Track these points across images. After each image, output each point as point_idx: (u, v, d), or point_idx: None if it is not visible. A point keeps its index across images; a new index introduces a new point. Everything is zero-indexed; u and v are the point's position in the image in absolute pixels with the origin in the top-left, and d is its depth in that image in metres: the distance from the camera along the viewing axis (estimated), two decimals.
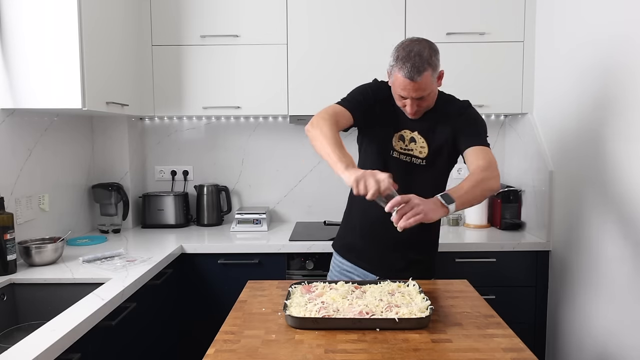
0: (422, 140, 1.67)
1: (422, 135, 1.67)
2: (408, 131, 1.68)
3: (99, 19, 2.08)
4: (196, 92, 2.54)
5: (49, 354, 1.20)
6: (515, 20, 2.47)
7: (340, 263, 1.88)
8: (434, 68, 1.54)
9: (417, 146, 1.68)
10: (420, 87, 1.53)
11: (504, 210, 2.59)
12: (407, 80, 1.51)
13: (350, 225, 1.86)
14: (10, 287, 1.77)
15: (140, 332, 1.86)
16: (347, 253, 1.85)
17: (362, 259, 1.80)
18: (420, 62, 1.50)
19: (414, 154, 1.69)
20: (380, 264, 1.77)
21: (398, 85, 1.56)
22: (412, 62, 1.50)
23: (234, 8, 2.49)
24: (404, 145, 1.69)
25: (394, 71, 1.55)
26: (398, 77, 1.54)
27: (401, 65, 1.51)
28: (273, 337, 1.26)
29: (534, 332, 2.36)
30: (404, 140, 1.69)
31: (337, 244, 1.92)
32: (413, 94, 1.55)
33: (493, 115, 2.80)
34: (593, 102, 1.97)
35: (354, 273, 1.83)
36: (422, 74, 1.51)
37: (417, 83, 1.52)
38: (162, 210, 2.73)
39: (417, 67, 1.50)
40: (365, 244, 1.79)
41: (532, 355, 1.16)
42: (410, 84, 1.52)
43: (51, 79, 1.92)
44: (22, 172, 2.04)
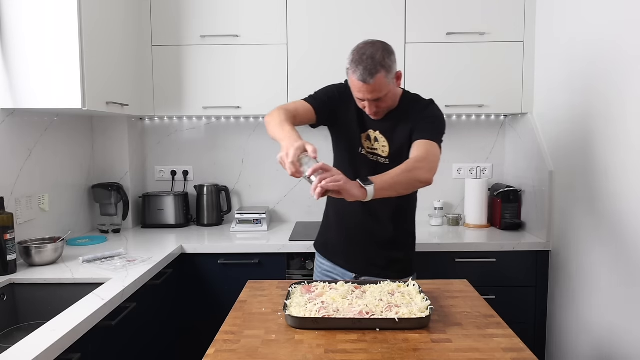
0: (384, 140, 1.71)
1: (383, 135, 1.71)
2: (372, 131, 1.73)
3: (99, 19, 2.08)
4: (196, 92, 2.54)
5: (49, 354, 1.20)
6: (515, 20, 2.47)
7: (320, 264, 1.91)
8: (387, 70, 1.56)
9: (379, 145, 1.72)
10: (374, 89, 1.55)
11: (504, 210, 2.59)
12: (360, 82, 1.55)
13: (328, 224, 1.90)
14: (10, 287, 1.77)
15: (140, 332, 1.86)
16: (326, 252, 1.89)
17: (341, 258, 1.83)
18: (372, 65, 1.52)
19: (378, 152, 1.73)
20: (357, 261, 1.80)
21: (354, 87, 1.60)
22: (364, 65, 1.53)
23: (234, 8, 2.49)
24: (371, 144, 1.73)
25: (349, 74, 1.59)
26: (352, 79, 1.57)
27: (354, 68, 1.54)
28: (273, 337, 1.26)
29: (534, 332, 2.36)
30: (370, 139, 1.73)
31: (317, 242, 1.96)
32: (368, 96, 1.58)
33: (493, 115, 2.80)
34: (593, 102, 1.97)
35: (333, 272, 1.85)
36: (374, 76, 1.53)
37: (370, 85, 1.54)
38: (162, 210, 2.73)
39: (369, 70, 1.52)
40: (343, 242, 1.83)
41: (532, 355, 1.16)
42: (363, 86, 1.55)
43: (51, 79, 1.92)
44: (22, 172, 2.04)
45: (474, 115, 2.81)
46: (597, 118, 1.94)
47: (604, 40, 1.89)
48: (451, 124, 2.84)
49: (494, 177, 2.86)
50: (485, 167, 2.86)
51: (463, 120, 2.84)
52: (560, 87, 2.25)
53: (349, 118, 1.74)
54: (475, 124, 2.85)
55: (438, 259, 2.32)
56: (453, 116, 2.80)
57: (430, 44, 2.49)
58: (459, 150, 2.85)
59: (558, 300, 2.26)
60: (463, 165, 2.86)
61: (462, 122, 2.84)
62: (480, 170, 2.84)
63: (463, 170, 2.86)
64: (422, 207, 2.83)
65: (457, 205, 2.87)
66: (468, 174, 2.85)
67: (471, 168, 2.86)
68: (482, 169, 2.85)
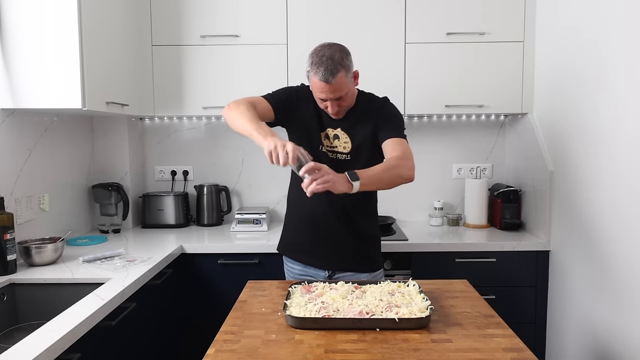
0: (346, 136, 1.76)
1: (345, 132, 1.76)
2: (331, 129, 1.77)
3: (99, 19, 2.08)
4: (196, 92, 2.54)
5: (49, 354, 1.20)
6: (515, 20, 2.47)
7: (291, 268, 1.92)
8: (346, 69, 1.62)
9: (340, 142, 1.77)
10: (336, 88, 1.61)
11: (504, 210, 2.59)
12: (322, 83, 1.60)
13: (292, 225, 1.91)
14: (10, 287, 1.77)
15: (140, 332, 1.86)
16: (295, 254, 1.89)
17: (311, 257, 1.84)
18: (332, 65, 1.58)
19: (338, 150, 1.77)
20: (329, 259, 1.82)
21: (316, 88, 1.64)
22: (324, 65, 1.58)
23: (234, 8, 2.49)
24: (330, 142, 1.78)
25: (310, 76, 1.64)
26: (314, 80, 1.62)
27: (315, 69, 1.60)
28: (273, 337, 1.26)
29: (534, 332, 2.36)
30: (329, 138, 1.78)
31: (283, 247, 1.95)
32: (330, 95, 1.63)
33: (493, 115, 2.80)
34: (593, 102, 1.97)
35: (305, 274, 1.86)
36: (335, 75, 1.59)
37: (332, 85, 1.60)
38: (162, 210, 2.73)
39: (330, 70, 1.58)
40: (311, 241, 1.84)
41: (532, 355, 1.16)
42: (325, 86, 1.60)
43: (51, 79, 1.92)
44: (22, 172, 2.04)
45: (474, 115, 2.81)
46: (597, 118, 1.94)
47: (604, 41, 1.89)
48: (451, 124, 2.84)
49: (494, 177, 2.86)
50: (485, 167, 2.86)
51: (463, 120, 2.84)
52: (560, 87, 2.25)
53: (308, 118, 1.78)
54: (475, 124, 2.85)
55: (438, 259, 2.32)
56: (453, 116, 2.80)
57: (430, 44, 2.49)
58: (459, 150, 2.85)
59: (558, 300, 2.26)
60: (463, 165, 2.86)
61: (462, 122, 2.84)
62: (480, 170, 2.84)
63: (463, 170, 2.86)
64: (422, 207, 2.86)
65: (457, 205, 2.87)
66: (468, 174, 2.85)
67: (471, 168, 2.86)
68: (482, 169, 2.85)
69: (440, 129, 2.84)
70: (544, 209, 2.35)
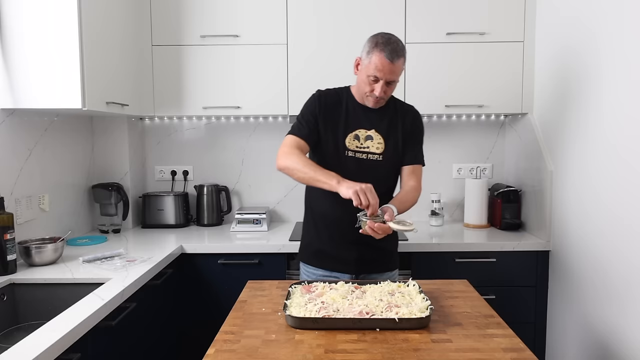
0: (380, 138, 1.80)
1: (378, 133, 1.80)
2: (364, 130, 1.80)
3: (99, 19, 2.08)
4: (196, 92, 2.54)
5: (49, 354, 1.20)
6: (515, 20, 2.47)
7: (311, 273, 1.89)
8: (405, 59, 1.72)
9: (374, 143, 1.80)
10: (396, 70, 1.69)
11: (504, 210, 2.59)
12: (386, 60, 1.65)
13: (316, 231, 1.89)
14: (10, 287, 1.77)
15: (140, 332, 1.86)
16: (318, 260, 1.87)
17: (336, 262, 1.83)
18: (398, 48, 1.68)
19: (370, 150, 1.79)
20: (353, 261, 1.82)
21: (375, 66, 1.67)
22: (392, 46, 1.66)
23: (234, 8, 2.49)
24: (359, 143, 1.79)
25: (372, 54, 1.68)
26: (378, 57, 1.66)
27: (382, 47, 1.66)
28: (273, 337, 1.26)
29: (534, 332, 2.36)
30: (359, 139, 1.79)
31: (305, 253, 1.93)
32: (388, 76, 1.69)
33: (493, 115, 2.80)
34: (593, 102, 1.97)
35: (330, 277, 1.84)
36: (400, 58, 1.68)
37: (394, 65, 1.67)
38: (162, 210, 2.73)
39: (397, 51, 1.67)
40: (335, 245, 1.83)
41: (532, 355, 1.16)
42: (389, 64, 1.66)
43: (51, 79, 1.92)
44: (22, 172, 2.04)
45: (474, 115, 2.81)
46: (597, 118, 1.94)
47: (603, 41, 1.89)
48: (451, 124, 2.84)
49: (494, 177, 2.86)
50: (485, 167, 2.86)
51: (463, 120, 2.84)
52: (560, 87, 2.25)
53: (335, 122, 1.80)
54: (475, 124, 2.85)
55: (438, 259, 2.32)
56: (453, 116, 2.81)
57: (430, 44, 2.49)
58: (459, 150, 2.85)
59: (558, 300, 2.26)
60: (463, 165, 2.86)
61: (462, 122, 2.84)
62: (480, 170, 2.84)
63: (463, 170, 2.86)
64: (422, 207, 2.86)
65: (457, 205, 2.87)
66: (468, 174, 2.85)
67: (471, 168, 2.86)
68: (482, 169, 2.85)
69: (440, 129, 2.84)
70: (544, 209, 2.35)
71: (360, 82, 1.76)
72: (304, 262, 1.93)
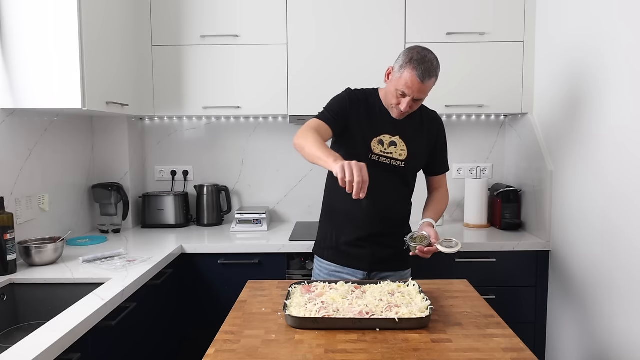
0: (403, 145, 1.81)
1: (403, 140, 1.81)
2: (388, 136, 1.80)
3: (99, 19, 2.08)
4: (196, 92, 2.54)
5: (49, 354, 1.20)
6: (515, 20, 2.47)
7: (324, 268, 1.90)
8: (436, 78, 1.72)
9: (397, 149, 1.81)
10: (424, 90, 1.69)
11: (504, 210, 2.59)
12: (417, 80, 1.65)
13: (332, 227, 1.89)
14: (10, 287, 1.77)
15: (140, 332, 1.86)
16: (333, 256, 1.88)
17: (351, 258, 1.84)
18: (432, 68, 1.67)
19: (393, 156, 1.81)
20: (368, 258, 1.83)
21: (404, 83, 1.67)
22: (426, 65, 1.66)
23: (234, 8, 2.49)
24: (383, 148, 1.80)
25: (404, 69, 1.67)
26: (409, 75, 1.66)
27: (416, 65, 1.65)
28: (273, 337, 1.26)
29: (534, 332, 2.36)
30: (383, 144, 1.80)
31: (320, 248, 1.94)
32: (416, 94, 1.69)
33: (493, 115, 2.80)
34: (593, 101, 1.97)
35: (342, 272, 1.86)
36: (430, 79, 1.68)
37: (424, 85, 1.67)
38: (162, 210, 2.73)
39: (429, 71, 1.66)
40: (350, 242, 1.84)
41: (532, 355, 1.16)
42: (419, 84, 1.66)
43: (51, 79, 1.92)
44: (22, 172, 2.04)
45: (474, 115, 2.81)
46: (597, 118, 1.94)
47: (604, 40, 1.89)
48: (451, 124, 2.84)
49: (494, 177, 2.86)
50: (485, 167, 2.86)
51: (463, 120, 2.84)
52: (560, 87, 2.25)
53: (362, 123, 1.80)
54: (475, 124, 2.85)
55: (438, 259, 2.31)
56: (453, 116, 2.80)
57: (430, 44, 2.46)
58: (459, 150, 2.85)
59: (558, 300, 2.26)
60: (463, 165, 2.86)
61: (462, 122, 2.84)
62: (480, 170, 2.84)
63: (463, 170, 2.86)
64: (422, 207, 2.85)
65: (457, 205, 2.87)
66: (468, 174, 2.85)
67: (471, 168, 2.86)
68: (482, 169, 2.85)
69: None
70: (544, 209, 2.35)
71: (388, 93, 1.76)
72: (319, 256, 1.94)
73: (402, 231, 1.88)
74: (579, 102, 2.08)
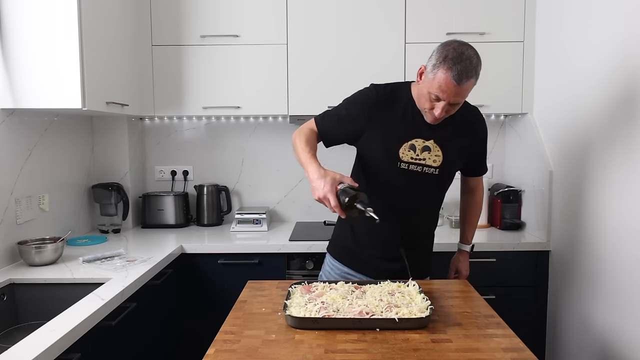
0: (438, 150, 1.61)
1: (438, 144, 1.61)
2: (421, 140, 1.61)
3: (99, 19, 2.08)
4: (196, 92, 2.54)
5: (49, 354, 1.20)
6: (515, 20, 2.47)
7: (336, 268, 1.82)
8: (477, 78, 1.48)
9: (431, 155, 1.62)
10: (461, 92, 1.47)
11: (504, 210, 2.59)
12: (452, 82, 1.43)
13: (353, 234, 1.77)
14: (10, 287, 1.77)
15: (140, 332, 1.85)
16: (348, 260, 1.78)
17: (366, 265, 1.74)
18: (470, 67, 1.43)
19: (426, 163, 1.62)
20: (384, 268, 1.72)
21: (438, 85, 1.46)
22: (463, 64, 1.42)
23: (234, 8, 2.49)
24: (415, 154, 1.61)
25: (438, 70, 1.45)
26: (443, 76, 1.44)
27: (450, 65, 1.42)
28: (273, 337, 1.25)
29: (534, 332, 2.36)
30: (415, 149, 1.61)
31: (336, 249, 1.83)
32: (451, 98, 1.47)
33: (493, 115, 2.80)
34: (593, 101, 1.97)
35: (355, 276, 1.77)
36: (469, 79, 1.45)
37: (461, 88, 1.45)
38: (162, 210, 2.73)
39: (467, 72, 1.43)
40: (370, 253, 1.74)
41: (532, 355, 1.16)
42: (454, 86, 1.44)
43: (51, 79, 1.92)
44: (22, 172, 2.04)
45: None
46: (597, 118, 1.94)
47: (604, 41, 1.89)
48: None
49: (494, 177, 2.86)
50: None
51: None
52: (560, 87, 2.25)
53: (390, 127, 1.61)
54: None
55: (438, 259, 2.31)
56: None
57: (430, 44, 2.46)
58: None
59: (558, 300, 2.25)
60: None
61: None
62: None
63: None
64: None
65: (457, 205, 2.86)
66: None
67: None
68: None
69: None
70: (544, 209, 2.35)
71: (421, 95, 1.54)
72: (332, 256, 1.83)
73: (426, 244, 1.82)
74: (579, 102, 2.08)
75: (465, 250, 1.95)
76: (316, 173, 1.44)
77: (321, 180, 1.41)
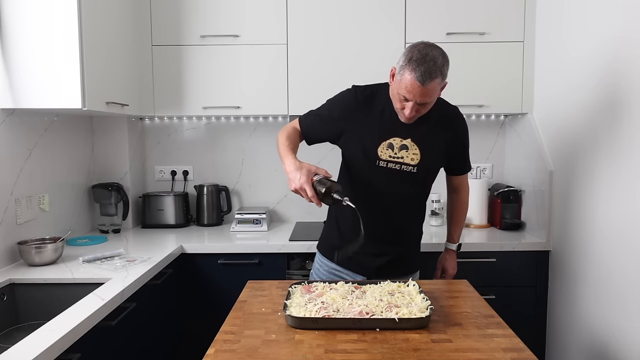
0: (415, 148, 1.67)
1: (415, 143, 1.67)
2: (399, 139, 1.66)
3: (99, 19, 2.08)
4: (196, 92, 2.54)
5: (49, 354, 1.20)
6: (515, 20, 2.47)
7: (325, 265, 1.85)
8: (443, 77, 1.52)
9: (409, 153, 1.67)
10: (427, 93, 1.51)
11: (504, 210, 2.59)
12: (417, 83, 1.48)
13: (342, 231, 1.80)
14: (10, 287, 1.77)
15: (140, 332, 1.86)
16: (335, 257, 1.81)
17: (354, 262, 1.77)
18: (433, 68, 1.48)
19: (404, 161, 1.67)
20: (372, 265, 1.77)
21: (404, 86, 1.51)
22: (426, 66, 1.47)
23: (234, 8, 2.49)
24: (393, 153, 1.66)
25: (403, 72, 1.51)
26: (408, 78, 1.49)
27: (415, 66, 1.48)
28: (273, 337, 1.26)
29: (534, 332, 2.36)
30: (393, 148, 1.66)
31: (325, 247, 1.88)
32: (418, 99, 1.52)
33: (493, 115, 2.80)
34: (593, 101, 1.97)
35: (342, 272, 1.81)
36: (433, 80, 1.48)
37: (425, 88, 1.49)
38: (162, 210, 2.73)
39: (430, 73, 1.47)
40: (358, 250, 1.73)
41: (532, 355, 1.16)
42: (418, 87, 1.49)
43: (51, 79, 1.92)
44: (22, 172, 2.04)
45: (474, 115, 2.81)
46: (597, 118, 1.94)
47: (605, 40, 1.89)
48: None
49: (494, 177, 2.86)
50: (485, 167, 2.86)
51: None
52: (560, 87, 2.25)
53: (368, 127, 1.67)
54: (475, 124, 2.84)
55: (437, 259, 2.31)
56: None
57: None
58: None
59: (558, 300, 2.25)
60: None
61: None
62: (480, 170, 2.84)
63: None
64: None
65: None
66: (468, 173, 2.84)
67: None
68: (482, 169, 2.85)
69: None
70: (544, 209, 2.35)
71: (393, 96, 1.61)
72: (321, 252, 1.88)
73: (414, 241, 1.85)
74: (579, 102, 2.08)
75: (451, 249, 1.98)
76: (292, 165, 1.51)
77: (297, 172, 1.48)
